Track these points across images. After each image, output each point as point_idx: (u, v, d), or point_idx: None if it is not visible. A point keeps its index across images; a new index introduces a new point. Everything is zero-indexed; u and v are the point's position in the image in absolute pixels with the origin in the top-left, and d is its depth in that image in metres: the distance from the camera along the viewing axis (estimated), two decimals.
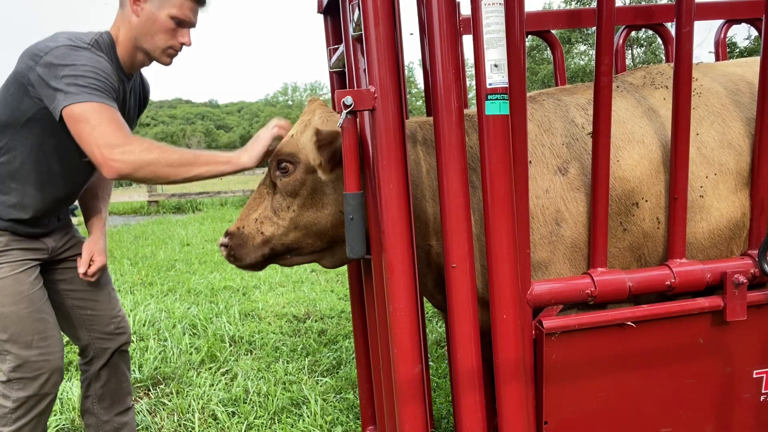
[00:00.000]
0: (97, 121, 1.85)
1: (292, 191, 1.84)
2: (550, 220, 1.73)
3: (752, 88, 1.92)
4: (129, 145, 1.84)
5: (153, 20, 2.09)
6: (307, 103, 2.08)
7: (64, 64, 1.90)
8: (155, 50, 2.14)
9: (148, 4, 2.08)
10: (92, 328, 2.40)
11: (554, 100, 1.89)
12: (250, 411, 3.06)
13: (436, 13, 1.39)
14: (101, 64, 1.98)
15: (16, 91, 2.00)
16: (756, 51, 18.53)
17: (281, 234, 1.87)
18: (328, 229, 1.85)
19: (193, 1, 2.15)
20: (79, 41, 2.01)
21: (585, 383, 1.64)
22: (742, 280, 1.64)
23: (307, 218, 1.84)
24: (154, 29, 2.10)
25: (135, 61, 2.20)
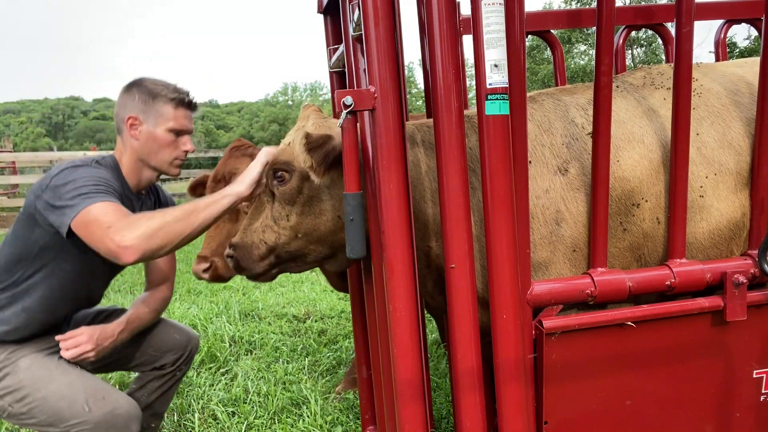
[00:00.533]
0: (100, 217, 1.86)
1: (289, 199, 1.85)
2: (550, 220, 1.73)
3: (752, 88, 1.92)
4: (132, 224, 1.83)
5: (154, 138, 2.16)
6: (302, 109, 2.11)
7: (65, 183, 1.95)
8: (163, 165, 2.22)
9: (144, 125, 2.16)
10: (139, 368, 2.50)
11: (554, 100, 1.89)
12: (250, 411, 3.06)
13: (436, 13, 1.39)
14: (101, 173, 2.04)
15: (26, 223, 2.06)
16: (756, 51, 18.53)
17: (283, 242, 1.88)
18: (328, 235, 1.85)
19: (186, 108, 2.23)
20: (80, 162, 2.08)
21: (585, 383, 1.64)
22: (742, 280, 1.64)
23: (306, 225, 1.84)
24: (157, 146, 2.18)
25: (142, 180, 2.26)
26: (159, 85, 2.20)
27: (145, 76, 2.27)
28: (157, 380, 2.51)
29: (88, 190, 1.93)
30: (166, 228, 1.83)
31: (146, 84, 2.20)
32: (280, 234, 1.87)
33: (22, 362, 2.09)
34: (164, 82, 2.24)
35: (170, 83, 2.24)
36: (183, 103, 2.21)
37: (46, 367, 2.11)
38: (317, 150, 1.71)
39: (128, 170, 2.22)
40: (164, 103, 2.17)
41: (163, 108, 2.17)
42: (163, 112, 2.17)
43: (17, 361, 2.09)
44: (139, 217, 1.88)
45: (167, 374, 2.52)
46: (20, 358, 2.10)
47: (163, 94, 2.17)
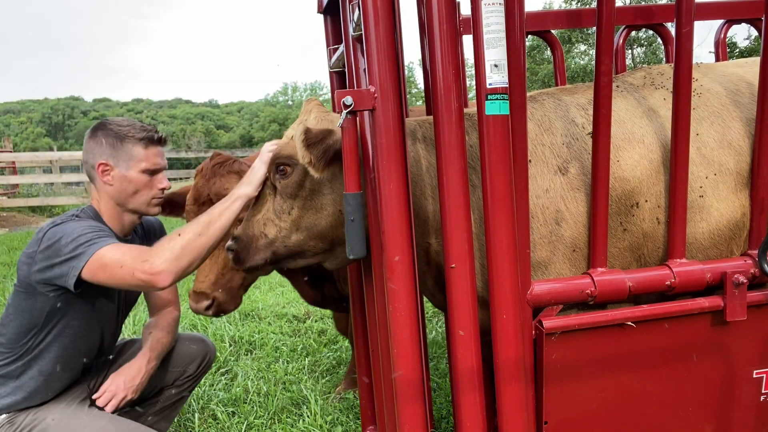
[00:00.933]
0: (118, 257, 1.89)
1: (291, 193, 1.84)
2: (550, 219, 1.72)
3: (752, 88, 1.92)
4: (155, 251, 1.88)
5: (128, 181, 2.14)
6: (305, 103, 2.09)
7: (58, 240, 1.94)
8: (141, 206, 2.20)
9: (115, 170, 2.13)
10: None
11: (555, 100, 1.89)
12: (250, 411, 3.06)
13: (436, 13, 1.39)
14: (89, 222, 2.04)
15: (26, 295, 2.05)
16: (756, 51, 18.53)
17: (284, 236, 1.87)
18: (329, 231, 1.85)
19: (156, 145, 2.20)
20: (60, 219, 2.07)
21: (585, 383, 1.64)
22: (742, 280, 1.64)
23: (307, 220, 1.84)
24: (132, 189, 2.15)
25: (125, 224, 2.24)
26: (125, 126, 2.16)
27: (108, 118, 2.23)
28: (175, 388, 2.54)
29: (87, 237, 1.93)
30: (190, 245, 1.89)
31: (111, 127, 2.15)
32: (281, 228, 1.87)
33: (50, 418, 2.10)
34: (129, 121, 2.21)
35: (135, 121, 2.21)
36: (153, 141, 2.18)
37: (76, 416, 2.13)
38: (316, 145, 1.70)
39: (109, 217, 2.20)
40: (133, 144, 2.13)
41: (133, 150, 2.13)
42: (134, 154, 2.13)
43: (45, 419, 2.10)
44: (161, 244, 1.91)
45: (185, 383, 2.55)
46: (48, 416, 2.11)
47: (130, 135, 2.13)
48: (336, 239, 1.87)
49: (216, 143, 64.83)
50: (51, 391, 2.17)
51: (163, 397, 2.51)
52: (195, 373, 2.56)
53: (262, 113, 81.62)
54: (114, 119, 2.21)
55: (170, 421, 2.59)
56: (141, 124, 2.20)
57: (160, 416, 2.52)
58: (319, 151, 1.70)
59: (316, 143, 1.70)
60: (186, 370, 2.52)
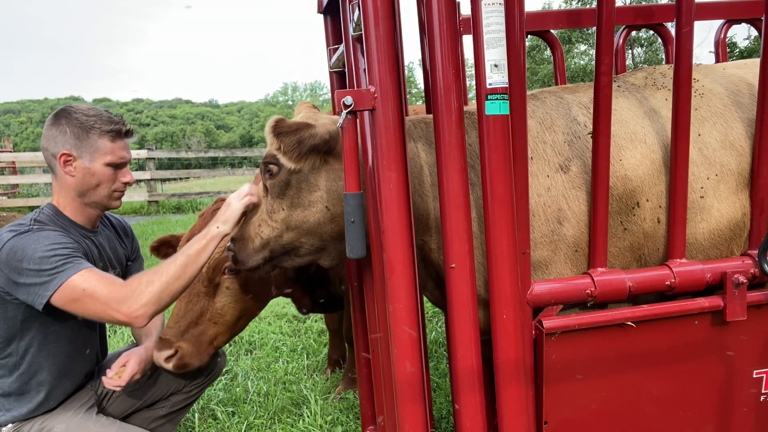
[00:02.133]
0: (91, 289, 1.87)
1: (279, 192, 1.86)
2: (551, 218, 1.72)
3: (753, 89, 1.92)
4: (134, 292, 1.88)
5: (91, 173, 2.06)
6: (297, 105, 2.10)
7: (18, 260, 1.88)
8: (102, 200, 2.13)
9: (78, 161, 2.05)
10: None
11: (556, 98, 1.89)
12: (250, 411, 3.06)
13: (436, 13, 1.39)
14: (48, 237, 1.95)
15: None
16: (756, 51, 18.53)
17: (276, 235, 1.90)
18: (317, 227, 1.86)
19: (123, 139, 2.12)
20: (16, 228, 1.98)
21: (585, 383, 1.64)
22: (742, 280, 1.64)
23: (296, 218, 1.85)
24: (94, 182, 2.08)
25: (90, 216, 2.18)
26: (91, 116, 2.06)
27: (72, 105, 2.12)
28: (184, 394, 2.54)
29: (53, 264, 1.87)
30: (168, 289, 1.91)
31: (76, 116, 2.06)
32: (273, 227, 1.89)
33: (57, 428, 2.09)
34: (95, 110, 2.11)
35: (101, 112, 2.12)
36: (120, 134, 2.10)
37: (84, 425, 2.12)
38: (288, 135, 1.70)
39: (72, 210, 2.13)
40: (99, 136, 2.05)
41: (99, 142, 2.05)
42: (100, 146, 2.05)
43: (53, 428, 2.09)
44: (138, 284, 1.89)
45: (194, 389, 2.55)
46: (55, 425, 2.09)
47: (97, 127, 2.05)
48: (326, 236, 1.88)
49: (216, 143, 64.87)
50: (54, 400, 2.15)
51: (171, 401, 2.51)
52: (204, 380, 2.56)
53: (262, 113, 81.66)
54: (79, 107, 2.11)
55: (176, 423, 2.60)
56: (108, 115, 2.11)
57: (167, 419, 2.53)
58: (292, 140, 1.70)
59: (288, 133, 1.70)
60: (196, 377, 2.52)
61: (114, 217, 2.47)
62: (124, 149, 2.13)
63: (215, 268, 2.39)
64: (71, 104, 2.13)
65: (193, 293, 2.41)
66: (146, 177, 13.93)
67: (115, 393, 2.40)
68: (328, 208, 1.82)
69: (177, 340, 2.35)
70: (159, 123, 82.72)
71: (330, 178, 1.80)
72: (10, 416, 2.07)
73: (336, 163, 1.80)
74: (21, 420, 2.09)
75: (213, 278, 2.41)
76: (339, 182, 1.80)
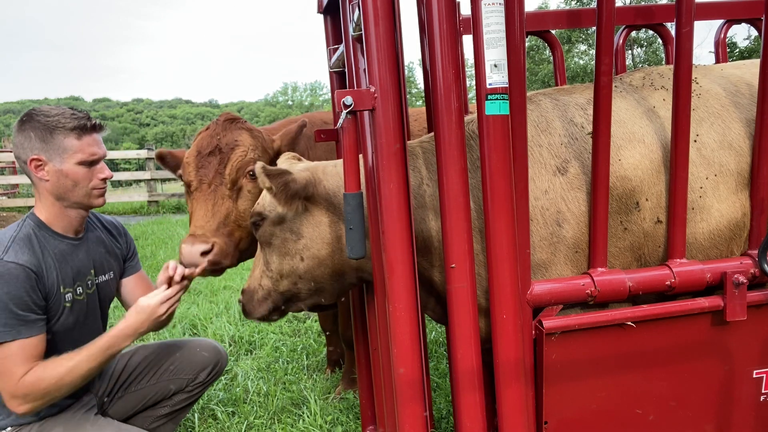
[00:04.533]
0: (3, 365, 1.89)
1: (268, 243, 1.97)
2: (550, 221, 1.72)
3: (752, 89, 1.92)
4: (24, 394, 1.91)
5: (64, 175, 1.99)
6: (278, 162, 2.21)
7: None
8: (83, 199, 2.07)
9: (50, 164, 1.98)
10: None
11: (551, 100, 1.89)
12: (250, 411, 3.06)
13: (436, 13, 1.39)
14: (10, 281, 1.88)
15: None
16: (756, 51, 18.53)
17: (274, 285, 2.00)
18: (308, 273, 1.94)
19: (91, 133, 2.04)
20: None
21: (585, 383, 1.64)
22: (742, 280, 1.64)
23: (287, 267, 1.95)
24: (69, 183, 2.01)
25: (72, 221, 2.12)
26: (53, 116, 1.98)
27: (36, 108, 2.04)
28: (186, 393, 2.54)
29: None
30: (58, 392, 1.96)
31: (38, 118, 1.98)
32: (270, 278, 2.00)
33: (55, 430, 2.08)
34: (58, 108, 2.02)
35: (65, 109, 2.03)
36: (86, 130, 2.01)
37: (80, 427, 2.11)
38: (277, 177, 1.80)
39: (53, 218, 2.07)
40: (64, 135, 1.97)
41: (65, 141, 1.97)
42: (67, 146, 1.97)
43: (51, 430, 2.09)
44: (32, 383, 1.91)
45: (195, 389, 2.55)
46: (54, 427, 2.09)
47: (60, 126, 1.97)
48: (319, 278, 1.96)
49: None
50: (52, 409, 2.13)
51: (174, 401, 2.51)
52: (206, 380, 2.56)
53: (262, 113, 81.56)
54: (42, 108, 2.02)
55: (177, 423, 2.60)
56: (71, 111, 2.02)
57: (168, 418, 2.53)
58: (280, 182, 1.80)
59: (276, 175, 1.80)
60: (197, 377, 2.52)
61: (105, 218, 2.44)
62: (95, 145, 2.05)
63: (238, 170, 2.46)
64: (35, 107, 2.05)
65: (218, 196, 2.43)
66: (146, 177, 13.93)
67: (116, 394, 2.40)
68: (314, 255, 1.90)
69: (213, 235, 2.34)
70: (159, 123, 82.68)
71: (311, 224, 1.89)
72: (10, 420, 2.07)
73: (315, 209, 1.88)
74: (21, 423, 2.09)
75: (236, 180, 2.47)
76: (321, 227, 1.88)
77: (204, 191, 2.47)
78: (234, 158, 2.47)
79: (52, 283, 2.03)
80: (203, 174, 2.48)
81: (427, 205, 1.81)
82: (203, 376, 2.54)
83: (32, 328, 1.94)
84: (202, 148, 2.51)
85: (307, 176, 1.88)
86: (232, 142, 2.50)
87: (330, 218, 1.88)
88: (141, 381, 2.43)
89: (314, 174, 1.91)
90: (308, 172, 1.91)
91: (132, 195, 15.20)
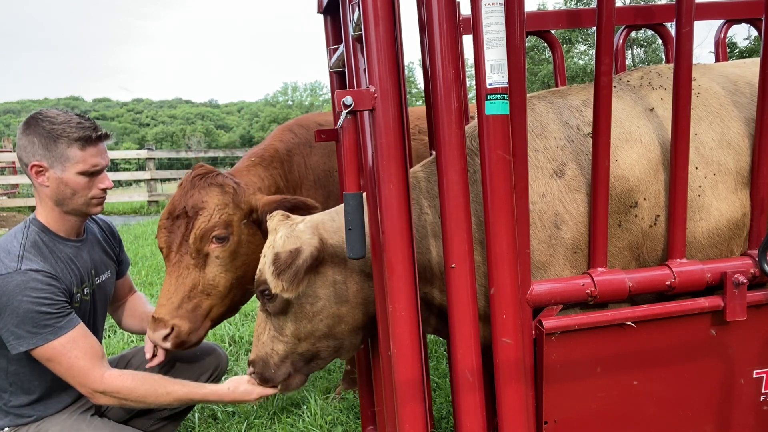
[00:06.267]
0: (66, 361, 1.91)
1: (281, 311, 1.91)
2: (548, 224, 1.72)
3: (751, 88, 1.92)
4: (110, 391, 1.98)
5: (65, 183, 1.99)
6: (268, 219, 2.02)
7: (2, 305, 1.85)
8: (81, 207, 2.06)
9: (50, 171, 1.97)
10: None
11: (546, 103, 1.89)
12: (250, 411, 3.06)
13: (436, 13, 1.39)
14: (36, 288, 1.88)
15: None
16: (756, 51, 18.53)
17: (292, 348, 1.95)
18: (329, 332, 1.90)
19: (95, 145, 2.02)
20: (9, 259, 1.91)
21: (585, 383, 1.64)
22: (742, 280, 1.64)
23: (305, 329, 1.90)
24: (69, 191, 2.01)
25: (74, 224, 2.13)
26: (59, 124, 1.97)
27: (42, 111, 2.03)
28: None
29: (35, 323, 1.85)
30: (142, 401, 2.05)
31: (44, 124, 1.97)
32: (286, 342, 1.94)
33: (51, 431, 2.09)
34: (64, 115, 2.01)
35: (71, 117, 2.01)
36: (90, 141, 2.00)
37: (77, 428, 2.11)
38: (285, 271, 1.73)
39: (54, 222, 2.07)
40: (68, 145, 1.96)
41: (68, 151, 1.96)
42: (70, 156, 1.96)
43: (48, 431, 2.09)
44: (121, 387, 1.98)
45: None
46: (49, 428, 2.09)
47: (65, 135, 1.96)
48: (340, 335, 1.92)
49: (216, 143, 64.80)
50: (52, 408, 2.14)
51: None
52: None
53: (262, 113, 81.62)
54: (49, 113, 2.02)
55: (178, 424, 2.61)
56: (78, 120, 2.01)
57: (169, 420, 2.54)
58: (290, 275, 1.73)
59: (285, 269, 1.73)
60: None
61: (99, 218, 2.44)
62: (98, 156, 2.03)
63: (202, 238, 2.33)
64: (43, 110, 2.05)
65: (182, 266, 2.34)
66: (146, 177, 13.93)
67: None
68: (333, 314, 1.87)
69: (172, 318, 2.28)
70: (159, 123, 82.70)
71: (326, 284, 1.85)
72: (7, 421, 2.07)
73: (327, 270, 1.84)
74: (18, 424, 2.09)
75: (201, 249, 2.35)
76: (336, 286, 1.84)
77: (172, 260, 2.36)
78: (197, 225, 2.33)
79: (69, 287, 2.05)
80: (171, 240, 2.37)
81: (428, 237, 1.80)
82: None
83: (71, 321, 1.96)
84: (171, 210, 2.41)
85: (315, 244, 1.80)
86: (198, 204, 2.36)
87: (343, 274, 1.84)
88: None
89: (320, 237, 1.83)
90: (314, 237, 1.82)
91: (132, 195, 15.20)
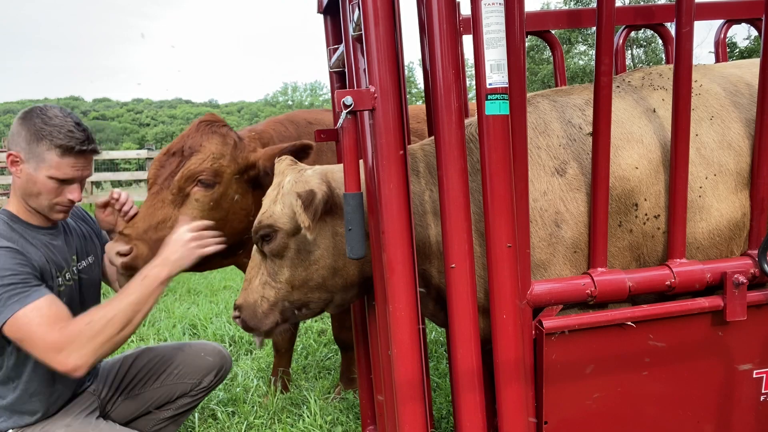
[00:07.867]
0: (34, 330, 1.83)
1: (279, 254, 1.90)
2: (549, 222, 1.72)
3: (751, 89, 1.92)
4: (74, 341, 1.84)
5: (33, 181, 1.99)
6: (276, 163, 2.05)
7: None
8: (42, 209, 2.05)
9: (25, 165, 1.98)
10: None
11: (549, 101, 1.89)
12: (250, 411, 3.06)
13: (436, 13, 1.39)
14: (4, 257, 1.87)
15: None
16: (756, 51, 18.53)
17: (283, 296, 1.93)
18: (323, 282, 1.90)
19: (76, 156, 2.00)
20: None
21: (585, 383, 1.64)
22: (742, 280, 1.64)
23: (300, 276, 1.90)
24: (36, 190, 2.00)
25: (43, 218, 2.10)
26: (49, 126, 1.97)
27: (42, 107, 2.03)
28: (189, 397, 2.54)
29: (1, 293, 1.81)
30: (111, 341, 1.89)
31: (37, 120, 1.97)
32: (278, 289, 1.93)
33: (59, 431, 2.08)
34: (60, 119, 2.00)
35: (66, 123, 2.00)
36: (71, 151, 1.98)
37: (82, 430, 2.10)
38: (308, 208, 1.74)
39: (24, 213, 2.06)
40: (48, 148, 1.96)
41: (46, 153, 1.96)
42: (46, 158, 1.96)
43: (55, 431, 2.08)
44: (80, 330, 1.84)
45: (199, 393, 2.56)
46: (54, 430, 2.09)
47: (48, 139, 1.95)
48: (332, 288, 1.93)
49: None
50: (53, 406, 2.13)
51: (177, 404, 2.52)
52: (210, 385, 2.57)
53: (262, 113, 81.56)
54: (48, 111, 2.01)
55: (179, 425, 2.61)
56: (70, 128, 1.99)
57: (171, 421, 2.54)
58: (311, 212, 1.74)
59: (308, 206, 1.74)
60: (201, 382, 2.52)
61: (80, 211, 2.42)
62: (73, 168, 2.01)
63: (188, 178, 2.35)
64: (46, 106, 2.04)
65: (160, 198, 2.36)
66: (146, 177, 13.92)
67: (120, 398, 2.40)
68: (329, 265, 1.87)
69: (137, 238, 2.26)
70: (159, 123, 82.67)
71: (327, 235, 1.85)
72: (11, 422, 2.07)
73: (330, 219, 1.84)
74: (22, 425, 2.09)
75: (183, 188, 2.37)
76: (336, 238, 1.85)
77: (153, 191, 2.41)
78: (188, 165, 2.37)
79: (43, 267, 2.02)
80: (159, 174, 2.42)
81: (427, 210, 1.80)
82: (208, 380, 2.54)
83: (38, 290, 1.90)
84: (169, 147, 2.46)
85: (325, 189, 1.82)
86: (195, 147, 2.41)
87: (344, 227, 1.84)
88: (145, 385, 2.43)
89: (329, 184, 1.86)
90: (324, 183, 1.85)
91: (132, 195, 15.14)
